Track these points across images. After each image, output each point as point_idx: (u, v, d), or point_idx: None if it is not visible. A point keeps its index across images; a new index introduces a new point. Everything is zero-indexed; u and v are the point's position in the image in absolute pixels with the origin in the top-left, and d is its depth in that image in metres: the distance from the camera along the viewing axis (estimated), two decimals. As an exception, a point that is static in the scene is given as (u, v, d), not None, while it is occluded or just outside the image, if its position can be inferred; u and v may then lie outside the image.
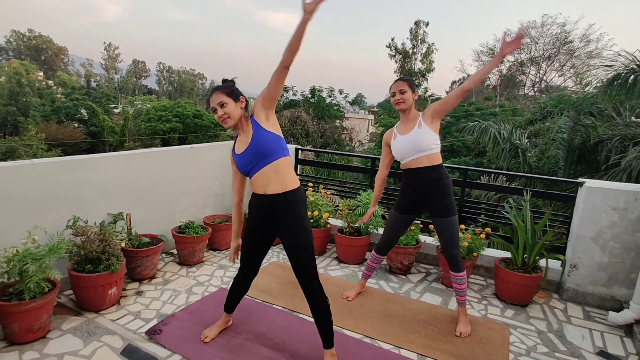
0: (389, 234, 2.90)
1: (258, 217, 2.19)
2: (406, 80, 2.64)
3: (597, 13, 74.15)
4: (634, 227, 2.97)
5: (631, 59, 8.97)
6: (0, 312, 2.19)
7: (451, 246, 2.65)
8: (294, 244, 2.11)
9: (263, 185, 2.10)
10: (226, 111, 2.05)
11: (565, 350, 2.57)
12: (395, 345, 2.52)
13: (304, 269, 2.12)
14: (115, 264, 2.64)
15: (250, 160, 2.09)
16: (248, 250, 2.29)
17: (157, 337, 2.42)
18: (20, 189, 2.59)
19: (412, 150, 2.61)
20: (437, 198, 2.62)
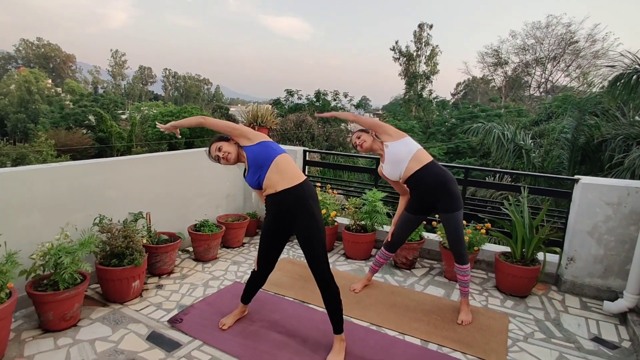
0: (399, 233, 3.07)
1: (272, 214, 2.38)
2: (358, 130, 2.98)
3: (603, 12, 73.82)
4: (627, 220, 3.12)
5: (634, 59, 9.09)
6: (38, 302, 2.40)
7: (457, 240, 2.82)
8: (307, 237, 2.30)
9: (272, 186, 2.30)
10: (224, 150, 2.38)
11: (561, 337, 2.72)
12: (399, 332, 2.69)
13: (317, 259, 2.30)
14: (138, 259, 2.85)
15: (254, 174, 2.38)
16: (265, 249, 2.48)
17: (179, 325, 2.61)
18: (52, 190, 2.80)
19: (396, 164, 2.82)
20: (441, 195, 2.79)
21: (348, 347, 2.42)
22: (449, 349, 2.52)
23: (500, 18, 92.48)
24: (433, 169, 2.78)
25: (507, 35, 34.54)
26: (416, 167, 2.76)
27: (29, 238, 2.60)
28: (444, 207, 2.79)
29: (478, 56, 33.31)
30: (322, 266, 2.31)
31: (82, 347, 2.35)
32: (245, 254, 3.93)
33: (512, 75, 36.43)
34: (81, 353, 2.30)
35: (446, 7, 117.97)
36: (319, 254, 2.30)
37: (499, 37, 42.84)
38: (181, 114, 30.52)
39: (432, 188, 2.78)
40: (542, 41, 32.99)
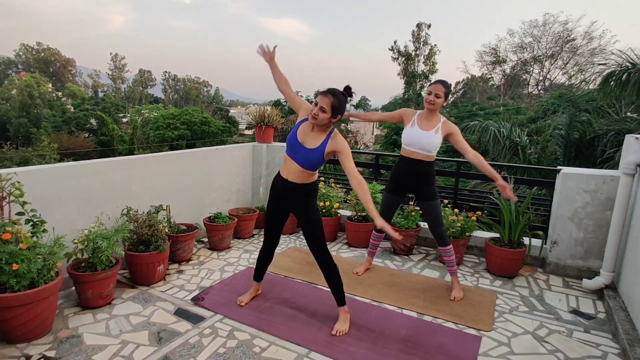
0: (383, 214, 3.38)
1: (277, 194, 2.68)
2: (445, 87, 2.96)
3: (599, 10, 74.27)
4: (604, 206, 3.44)
5: (625, 57, 9.41)
6: (78, 281, 2.72)
7: (437, 224, 3.14)
8: (308, 220, 2.62)
9: (288, 173, 2.58)
10: (321, 116, 2.35)
11: (543, 310, 3.04)
12: (398, 306, 3.01)
13: (316, 240, 2.62)
14: (162, 245, 3.17)
15: (298, 154, 2.48)
16: (269, 224, 2.79)
17: (201, 303, 2.93)
18: (86, 184, 3.13)
19: (419, 145, 3.07)
20: (423, 186, 3.13)
21: (352, 319, 2.74)
22: (442, 320, 2.84)
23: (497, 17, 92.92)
24: (426, 166, 3.11)
25: (505, 33, 34.72)
26: (419, 157, 3.08)
27: (68, 227, 2.92)
28: (421, 196, 3.14)
29: (476, 55, 33.56)
30: (320, 245, 2.61)
31: (119, 321, 2.67)
32: (256, 244, 4.25)
33: (510, 73, 36.70)
34: (118, 325, 2.62)
35: (444, 7, 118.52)
36: (318, 235, 2.61)
37: (497, 36, 43.14)
38: (182, 116, 30.86)
39: (413, 177, 3.13)
40: (540, 39, 33.25)
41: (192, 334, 2.55)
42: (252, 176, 4.95)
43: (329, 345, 2.48)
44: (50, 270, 2.43)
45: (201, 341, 2.47)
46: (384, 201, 3.35)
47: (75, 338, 2.46)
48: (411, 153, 3.11)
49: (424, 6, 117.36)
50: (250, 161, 4.89)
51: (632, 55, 9.25)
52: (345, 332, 2.62)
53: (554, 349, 2.53)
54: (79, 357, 2.27)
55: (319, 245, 2.63)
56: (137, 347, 2.39)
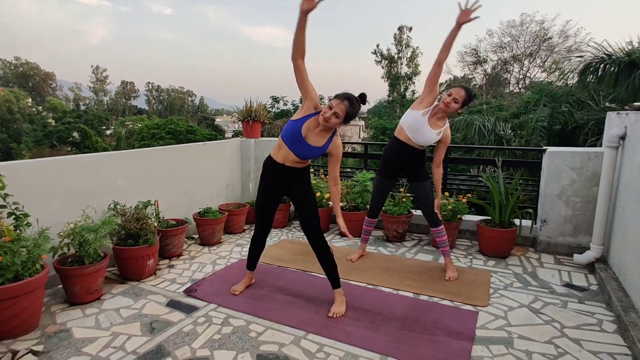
0: (376, 198, 3.38)
1: (270, 179, 2.65)
2: (466, 94, 2.88)
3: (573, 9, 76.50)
4: (590, 182, 3.50)
5: (599, 48, 9.66)
6: (66, 276, 2.64)
7: (428, 203, 3.15)
8: (303, 202, 2.61)
9: (285, 159, 2.54)
10: (332, 121, 2.32)
11: (537, 285, 3.06)
12: (394, 288, 2.99)
13: (311, 221, 2.60)
14: (152, 238, 3.10)
15: (299, 148, 2.44)
16: (262, 208, 2.76)
17: (194, 294, 2.87)
18: (69, 179, 3.05)
19: (420, 139, 3.05)
20: (414, 166, 3.15)
21: (348, 302, 2.71)
22: (438, 298, 2.84)
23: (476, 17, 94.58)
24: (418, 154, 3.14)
25: (485, 34, 35.39)
26: (413, 144, 3.08)
27: (52, 222, 2.82)
28: (412, 177, 3.15)
29: (457, 55, 34.08)
30: (315, 225, 2.61)
31: (109, 314, 2.59)
32: (247, 238, 4.19)
33: (491, 73, 37.35)
34: (109, 318, 2.54)
35: (424, 10, 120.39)
36: (311, 215, 2.61)
37: (476, 37, 43.89)
38: (167, 126, 30.57)
39: (403, 160, 3.14)
40: (518, 39, 33.95)
41: (186, 322, 2.49)
42: (241, 171, 4.90)
43: (326, 326, 2.45)
44: (35, 263, 2.35)
45: (195, 329, 2.42)
46: (376, 186, 3.34)
47: (64, 332, 2.37)
48: (407, 139, 3.10)
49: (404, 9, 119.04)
50: (238, 156, 4.85)
51: (608, 47, 9.52)
52: (342, 313, 2.59)
53: (550, 319, 2.55)
54: (69, 350, 2.20)
55: (314, 227, 2.61)
56: (129, 337, 2.33)
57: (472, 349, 2.22)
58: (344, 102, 2.30)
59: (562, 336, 2.35)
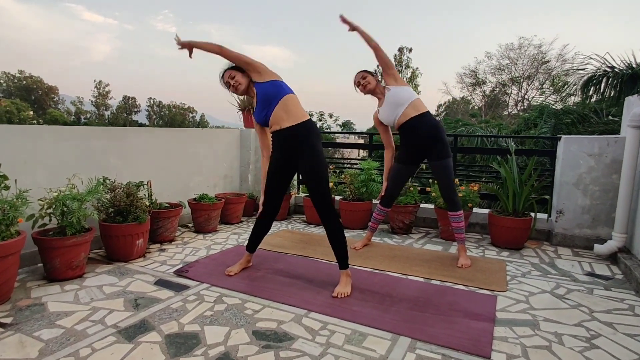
0: (392, 185, 3.18)
1: (277, 151, 2.47)
2: (363, 71, 3.04)
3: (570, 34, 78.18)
4: (610, 170, 3.31)
5: (602, 62, 9.65)
6: (44, 247, 2.40)
7: (449, 186, 2.94)
8: (312, 172, 2.39)
9: (277, 123, 2.39)
10: (236, 80, 2.46)
11: (557, 273, 2.83)
12: (402, 273, 2.76)
13: (321, 195, 2.38)
14: (142, 216, 2.88)
15: (261, 109, 2.46)
16: (270, 186, 2.56)
17: (185, 274, 2.63)
18: (57, 149, 2.85)
19: (393, 107, 2.92)
20: (434, 144, 2.91)
21: (354, 284, 2.47)
22: (452, 283, 2.60)
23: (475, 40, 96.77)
24: (428, 118, 2.92)
25: (483, 56, 35.91)
26: (412, 113, 2.90)
27: (35, 193, 2.61)
28: (436, 155, 2.91)
29: (457, 77, 34.41)
30: (327, 201, 2.39)
31: (90, 291, 2.35)
32: (245, 228, 3.96)
33: (490, 94, 37.67)
34: (89, 294, 2.30)
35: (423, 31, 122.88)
36: (323, 190, 2.39)
37: (475, 59, 44.53)
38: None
39: (426, 136, 2.91)
40: (516, 62, 34.40)
41: (175, 300, 2.25)
42: (240, 162, 4.70)
43: (330, 305, 2.21)
44: (10, 227, 2.13)
45: (185, 306, 2.17)
46: (394, 170, 3.14)
47: (38, 306, 2.13)
48: (400, 120, 2.93)
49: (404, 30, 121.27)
50: (237, 147, 4.66)
51: (610, 60, 9.51)
52: (348, 294, 2.35)
53: (577, 303, 2.31)
54: (40, 322, 1.95)
55: (325, 198, 2.39)
56: (110, 312, 2.08)
57: (494, 330, 1.98)
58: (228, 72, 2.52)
59: (592, 319, 2.12)
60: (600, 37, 75.76)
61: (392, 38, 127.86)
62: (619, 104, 9.35)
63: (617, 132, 9.73)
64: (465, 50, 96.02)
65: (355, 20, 2.82)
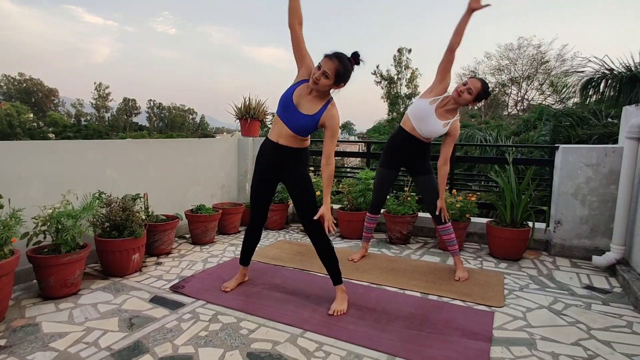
0: (378, 192, 3.17)
1: (265, 160, 2.44)
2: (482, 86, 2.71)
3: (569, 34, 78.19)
4: (607, 180, 3.29)
5: (601, 64, 9.64)
6: (39, 266, 2.39)
7: (433, 199, 2.94)
8: (299, 188, 2.39)
9: (279, 136, 2.34)
10: (322, 82, 2.14)
11: (555, 287, 2.82)
12: (399, 287, 2.74)
13: (308, 210, 2.37)
14: (138, 230, 2.87)
15: (291, 117, 2.27)
16: (257, 195, 2.54)
17: (181, 290, 2.62)
18: (52, 164, 2.84)
19: (425, 131, 2.84)
20: (420, 161, 2.97)
21: (350, 300, 2.46)
22: (449, 298, 2.59)
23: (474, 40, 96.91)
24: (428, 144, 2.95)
25: (483, 56, 35.87)
26: (423, 139, 2.90)
27: (29, 210, 2.60)
28: (421, 170, 2.95)
29: (456, 77, 34.39)
30: (312, 215, 2.35)
31: (85, 309, 2.34)
32: (242, 239, 3.94)
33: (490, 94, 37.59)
34: (84, 313, 2.28)
35: (422, 31, 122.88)
36: (308, 203, 2.38)
37: (475, 59, 44.56)
38: (167, 141, 30.49)
39: (417, 154, 2.95)
40: (516, 62, 34.39)
41: (170, 319, 2.24)
42: (238, 171, 4.69)
43: (326, 324, 2.19)
44: (3, 247, 2.12)
45: (180, 325, 2.16)
46: (377, 177, 3.14)
47: (32, 327, 2.11)
48: (412, 129, 2.91)
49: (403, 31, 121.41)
50: (235, 155, 4.65)
51: (609, 62, 9.50)
52: (344, 311, 2.34)
53: (574, 320, 2.30)
54: (34, 344, 1.94)
55: (311, 215, 2.37)
56: (104, 333, 2.07)
57: (491, 350, 1.97)
58: (333, 60, 2.13)
59: (590, 338, 2.10)
60: (600, 36, 75.77)
61: (392, 38, 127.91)
62: (619, 104, 9.33)
63: (615, 135, 9.72)
64: (465, 50, 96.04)
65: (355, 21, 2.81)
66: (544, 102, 31.91)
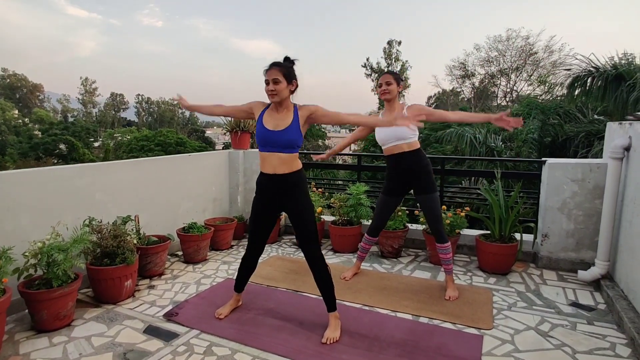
0: (379, 216, 3.20)
1: (265, 193, 2.45)
2: (392, 74, 2.93)
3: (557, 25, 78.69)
4: (592, 195, 3.37)
5: (587, 62, 9.75)
6: (31, 300, 2.39)
7: (435, 219, 2.97)
8: (299, 212, 2.40)
9: (273, 166, 2.35)
10: (277, 88, 2.25)
11: (542, 304, 2.89)
12: (391, 309, 2.79)
13: (307, 234, 2.40)
14: (130, 257, 2.87)
15: (275, 142, 2.30)
16: (255, 227, 2.55)
17: (175, 318, 2.63)
18: (40, 193, 2.81)
19: (393, 137, 2.93)
20: (419, 178, 2.95)
21: (343, 326, 2.50)
22: (439, 321, 2.64)
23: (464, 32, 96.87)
24: (417, 154, 2.95)
25: (472, 48, 35.93)
26: (405, 149, 2.92)
27: (19, 240, 2.58)
28: (422, 189, 2.95)
29: (446, 69, 34.43)
30: (312, 239, 2.40)
31: (79, 343, 2.34)
32: (235, 255, 3.97)
33: (479, 86, 37.76)
34: (78, 348, 2.29)
35: (412, 24, 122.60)
36: (308, 227, 2.41)
37: (464, 51, 44.67)
38: (157, 138, 30.18)
39: (411, 169, 2.94)
40: (505, 53, 34.45)
41: (164, 352, 2.25)
42: (229, 184, 4.69)
43: (320, 354, 2.23)
44: (-6, 288, 2.11)
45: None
46: (379, 203, 3.16)
47: (26, 365, 2.12)
48: (391, 149, 2.95)
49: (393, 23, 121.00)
50: (226, 169, 4.64)
51: (595, 60, 9.61)
52: (337, 339, 2.38)
53: (560, 343, 2.37)
54: (29, 387, 1.95)
55: (310, 240, 2.40)
56: (99, 371, 2.08)
57: (480, 379, 2.03)
58: (271, 68, 2.29)
59: (574, 363, 2.17)
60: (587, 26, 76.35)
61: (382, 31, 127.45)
62: (605, 100, 9.45)
63: (602, 133, 9.88)
64: (454, 42, 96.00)
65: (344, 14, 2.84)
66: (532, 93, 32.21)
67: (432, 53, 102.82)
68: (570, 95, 10.12)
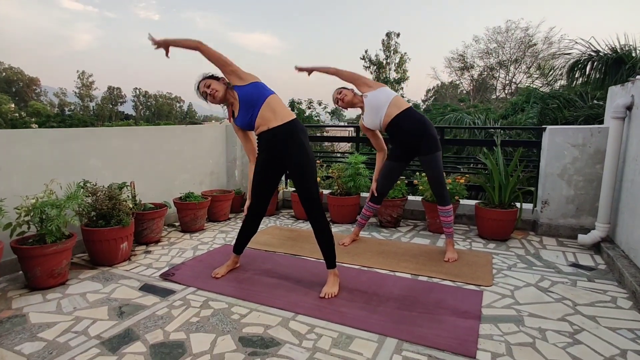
0: (383, 183, 3.16)
1: (265, 151, 2.43)
2: (338, 88, 3.07)
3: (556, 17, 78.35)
4: (593, 160, 3.33)
5: (587, 46, 9.68)
6: (24, 257, 2.35)
7: (438, 180, 2.94)
8: (299, 167, 2.36)
9: (264, 124, 2.35)
10: (212, 87, 2.42)
11: (542, 265, 2.87)
12: (390, 269, 2.76)
13: (309, 191, 2.37)
14: (125, 219, 2.83)
15: (245, 113, 2.40)
16: (258, 186, 2.51)
17: (172, 278, 2.60)
18: (34, 153, 2.76)
19: (375, 111, 2.92)
20: (421, 138, 2.90)
21: (342, 284, 2.47)
22: (438, 279, 2.62)
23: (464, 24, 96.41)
24: (412, 113, 2.91)
25: (471, 40, 35.79)
26: (395, 112, 2.88)
27: (11, 201, 2.54)
28: (425, 149, 2.91)
29: (445, 61, 34.31)
30: (314, 197, 2.37)
31: (73, 299, 2.31)
32: (232, 226, 3.93)
33: (478, 78, 37.62)
34: (72, 303, 2.26)
35: (411, 16, 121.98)
36: (310, 186, 2.37)
37: (463, 42, 44.50)
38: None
39: (413, 131, 2.89)
40: (504, 45, 34.30)
41: (160, 306, 2.22)
42: (227, 158, 4.64)
43: (318, 307, 2.20)
44: (-15, 238, 2.06)
45: (170, 312, 2.15)
46: (387, 170, 3.13)
47: (19, 317, 2.08)
48: (385, 121, 2.93)
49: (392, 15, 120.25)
50: (223, 142, 4.59)
51: (595, 44, 9.54)
52: (335, 294, 2.35)
53: (561, 297, 2.34)
54: (22, 335, 1.91)
55: (312, 195, 2.37)
56: (93, 322, 2.05)
57: (480, 327, 2.00)
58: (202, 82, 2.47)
59: (575, 313, 2.15)
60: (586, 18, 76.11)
61: (381, 23, 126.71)
62: (604, 86, 9.41)
63: (601, 117, 9.82)
64: (453, 34, 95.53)
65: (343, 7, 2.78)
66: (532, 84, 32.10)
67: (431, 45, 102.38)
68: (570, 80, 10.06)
